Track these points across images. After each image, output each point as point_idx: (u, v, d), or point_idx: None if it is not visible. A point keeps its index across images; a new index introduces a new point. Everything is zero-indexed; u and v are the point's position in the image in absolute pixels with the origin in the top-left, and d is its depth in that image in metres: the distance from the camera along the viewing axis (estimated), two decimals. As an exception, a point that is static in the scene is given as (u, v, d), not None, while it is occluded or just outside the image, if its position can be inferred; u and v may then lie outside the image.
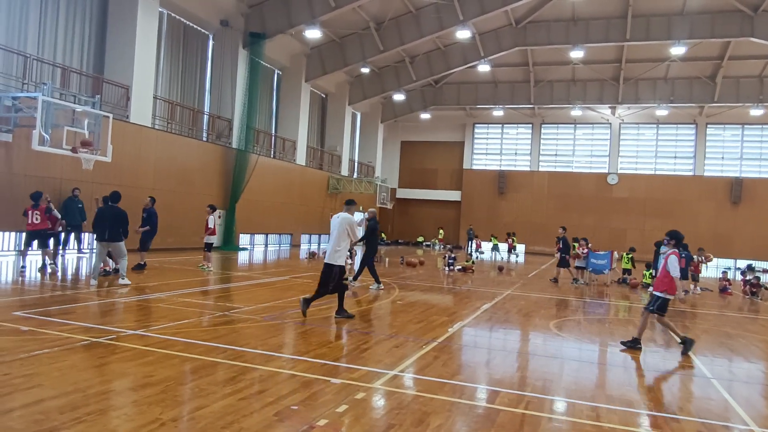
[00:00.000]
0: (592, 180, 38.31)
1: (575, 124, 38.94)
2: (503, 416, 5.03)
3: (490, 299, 13.03)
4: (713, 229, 34.41)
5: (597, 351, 8.62)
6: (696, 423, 5.22)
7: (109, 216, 11.38)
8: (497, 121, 40.22)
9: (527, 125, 40.11)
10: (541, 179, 39.39)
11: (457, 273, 19.79)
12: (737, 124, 35.89)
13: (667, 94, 33.79)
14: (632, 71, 33.43)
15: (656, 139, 37.88)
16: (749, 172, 35.77)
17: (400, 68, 33.58)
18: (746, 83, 32.50)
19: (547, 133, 40.03)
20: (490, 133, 41.44)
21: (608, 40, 29.19)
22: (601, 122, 38.36)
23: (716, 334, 10.46)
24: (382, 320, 9.91)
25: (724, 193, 35.46)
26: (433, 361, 6.84)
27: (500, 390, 5.88)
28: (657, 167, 37.75)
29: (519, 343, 8.84)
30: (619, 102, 34.88)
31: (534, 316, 11.09)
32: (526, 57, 33.67)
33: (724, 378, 7.04)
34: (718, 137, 36.75)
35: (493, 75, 35.73)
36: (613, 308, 13.25)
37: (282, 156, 28.98)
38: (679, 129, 37.22)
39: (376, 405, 5.23)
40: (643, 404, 5.75)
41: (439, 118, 40.65)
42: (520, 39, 30.39)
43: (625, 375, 7.19)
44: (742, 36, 27.40)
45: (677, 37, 27.70)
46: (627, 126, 38.13)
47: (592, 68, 33.84)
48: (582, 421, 5.10)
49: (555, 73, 34.80)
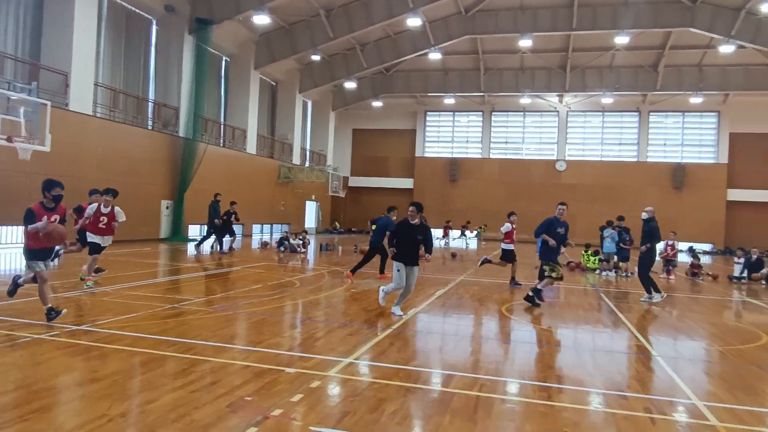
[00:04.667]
0: (542, 167, 39.18)
1: (524, 112, 39.66)
2: (457, 400, 5.06)
3: (443, 285, 13.15)
4: (657, 213, 35.06)
5: (548, 333, 8.81)
6: (643, 399, 5.40)
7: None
8: (448, 109, 40.54)
9: (478, 113, 40.59)
10: (491, 166, 40.01)
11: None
12: (678, 112, 37.37)
13: (612, 82, 34.80)
14: (579, 60, 34.24)
15: (602, 126, 39.05)
16: (690, 158, 37.34)
17: (350, 56, 33.33)
18: (687, 72, 33.82)
19: (498, 121, 40.64)
20: (441, 121, 41.75)
21: (555, 29, 29.79)
22: (550, 110, 39.21)
23: (662, 315, 10.88)
24: (336, 308, 9.84)
25: (667, 179, 36.92)
26: (387, 348, 6.84)
27: (454, 374, 5.93)
28: (603, 154, 38.94)
29: (472, 327, 8.95)
30: (567, 90, 35.72)
31: (487, 301, 11.26)
32: (476, 45, 33.99)
33: (669, 356, 7.32)
34: (661, 124, 38.20)
35: (444, 63, 35.92)
36: (562, 291, 13.60)
37: (231, 145, 28.36)
38: (624, 116, 38.46)
39: (331, 393, 5.18)
40: (592, 383, 5.91)
41: (391, 106, 40.64)
42: (469, 27, 30.63)
43: (575, 355, 7.37)
44: (683, 26, 28.47)
45: (622, 26, 28.51)
46: (574, 114, 39.12)
47: (540, 57, 34.47)
48: (534, 401, 5.19)
49: (504, 61, 35.28)
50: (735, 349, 7.93)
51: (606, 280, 16.62)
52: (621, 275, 17.23)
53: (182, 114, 23.64)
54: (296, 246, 20.71)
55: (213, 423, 4.23)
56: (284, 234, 23.95)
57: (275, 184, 31.94)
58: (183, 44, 23.63)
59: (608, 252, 18.00)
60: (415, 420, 4.60)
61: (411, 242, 8.73)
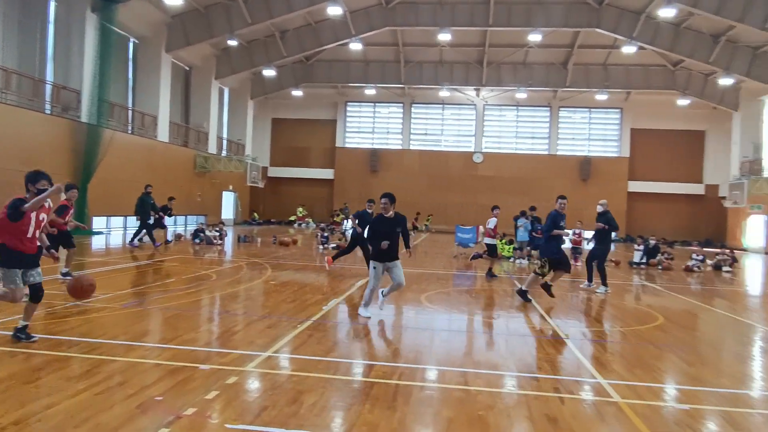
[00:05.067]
0: (460, 159, 40.18)
1: (443, 105, 40.45)
2: (377, 389, 5.09)
3: (364, 276, 13.17)
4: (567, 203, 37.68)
5: (465, 320, 9.05)
6: (553, 380, 5.66)
7: None
8: (369, 100, 40.60)
9: (398, 104, 40.95)
10: (412, 157, 40.55)
11: (332, 251, 19.80)
12: (585, 108, 39.49)
13: (525, 78, 36.19)
14: (495, 55, 35.31)
15: (516, 120, 40.57)
16: (596, 152, 39.61)
17: (270, 43, 32.54)
18: (593, 70, 35.74)
19: (417, 113, 41.20)
20: (362, 112, 41.75)
21: (473, 24, 30.54)
22: (468, 103, 40.22)
23: (569, 299, 11.47)
24: (254, 301, 9.62)
25: (575, 171, 38.98)
26: (307, 340, 6.76)
27: (374, 363, 5.96)
28: (517, 147, 40.49)
29: (393, 317, 9.03)
30: (483, 84, 36.76)
31: (406, 291, 11.39)
32: (397, 37, 34.22)
33: (576, 338, 7.73)
34: (570, 119, 40.21)
35: (365, 54, 35.90)
36: (479, 279, 14.03)
37: (142, 132, 26.92)
38: (536, 111, 40.14)
39: (248, 388, 5.05)
40: (506, 366, 6.13)
41: (312, 95, 40.14)
42: (389, 19, 30.77)
43: (490, 341, 7.63)
44: (590, 27, 30.05)
45: (534, 24, 29.68)
46: (490, 107, 40.37)
47: (458, 51, 35.23)
48: (451, 386, 5.31)
49: (424, 54, 35.76)
50: (634, 329, 8.50)
51: (520, 267, 17.32)
52: (533, 263, 18.00)
53: (85, 98, 22.08)
54: (212, 238, 20.06)
55: (120, 425, 4.00)
56: (199, 225, 23.11)
57: (191, 174, 30.70)
58: (85, 22, 22.02)
59: (522, 241, 18.70)
60: (335, 410, 4.57)
61: (388, 237, 8.10)
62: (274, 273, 12.91)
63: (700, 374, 6.18)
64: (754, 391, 5.73)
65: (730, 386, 5.79)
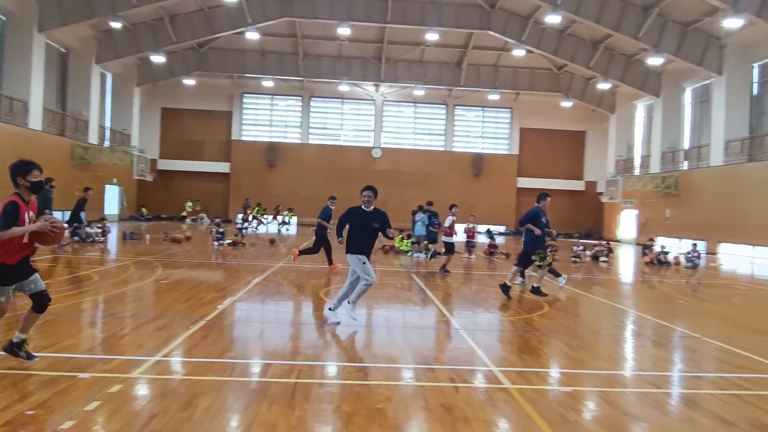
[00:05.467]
0: (358, 153, 40.41)
1: (343, 99, 40.46)
2: (275, 388, 4.97)
3: (261, 272, 12.87)
4: (460, 197, 38.83)
5: (365, 314, 9.10)
6: (448, 370, 5.83)
7: None
8: (267, 92, 39.67)
9: (297, 97, 40.39)
10: (310, 152, 40.20)
11: (227, 247, 19.17)
12: (479, 107, 41.20)
13: (422, 75, 37.07)
14: (393, 52, 35.83)
15: (414, 116, 41.50)
16: (488, 149, 41.47)
17: (158, 27, 30.76)
18: (485, 71, 37.31)
19: (316, 107, 40.89)
20: (259, 104, 40.75)
21: (370, 19, 30.76)
22: (366, 98, 40.52)
23: (463, 291, 11.91)
24: (144, 302, 9.06)
25: (468, 167, 40.57)
26: (201, 341, 6.46)
27: (272, 362, 5.82)
28: (415, 143, 41.44)
29: (291, 314, 8.90)
30: (381, 80, 37.20)
31: (306, 287, 11.28)
32: (295, 29, 33.69)
33: (470, 328, 8.03)
34: (464, 117, 41.78)
35: (262, 44, 35.02)
36: (378, 273, 14.19)
37: (9, 119, 24.41)
38: (433, 108, 41.28)
39: (135, 396, 4.72)
40: (403, 359, 6.23)
41: (206, 85, 38.49)
42: (287, 10, 30.24)
43: (388, 334, 7.72)
44: (482, 29, 31.33)
45: (430, 23, 30.47)
46: (389, 103, 40.95)
47: (357, 46, 35.35)
48: (351, 382, 5.31)
49: (323, 47, 35.51)
50: (523, 318, 8.99)
51: (417, 261, 17.72)
52: (432, 254, 18.47)
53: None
54: (94, 235, 18.67)
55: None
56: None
57: (68, 165, 28.29)
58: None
59: (419, 235, 19.04)
60: (231, 412, 4.40)
61: (366, 231, 7.66)
62: (166, 271, 12.25)
63: (582, 357, 6.65)
64: (627, 371, 6.26)
65: (607, 368, 6.28)
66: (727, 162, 26.82)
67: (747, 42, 25.87)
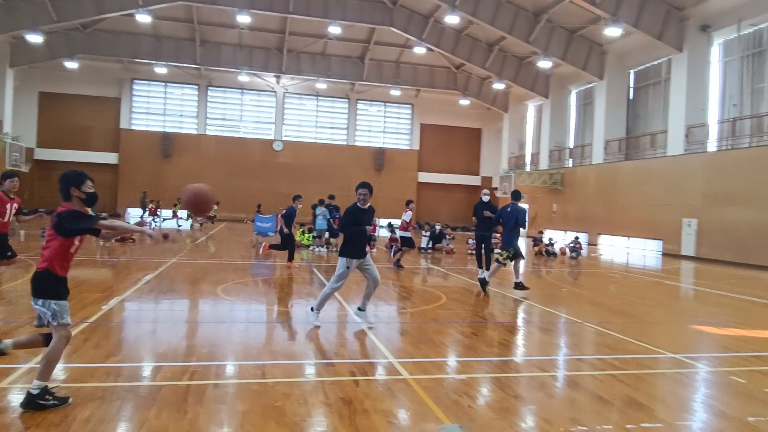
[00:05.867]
0: (259, 146, 39.47)
1: (242, 90, 39.28)
2: (166, 391, 4.72)
3: (153, 269, 12.20)
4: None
5: (263, 311, 8.90)
6: (348, 364, 5.83)
7: None
8: (160, 79, 37.61)
9: (193, 86, 38.65)
10: (209, 143, 38.69)
11: (115, 243, 17.98)
12: (381, 102, 41.62)
13: (324, 69, 36.81)
14: (295, 44, 35.26)
15: (316, 110, 41.14)
16: (390, 144, 42.05)
17: (36, 4, 28.12)
18: (387, 66, 37.74)
19: (215, 96, 39.38)
20: (152, 91, 38.54)
21: (272, 9, 30.03)
22: (268, 90, 39.60)
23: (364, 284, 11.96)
24: (15, 305, 8.26)
25: (370, 161, 40.92)
26: (82, 345, 6.00)
27: (163, 364, 5.52)
28: (317, 136, 41.12)
29: (185, 312, 8.51)
30: (283, 72, 36.51)
31: (201, 283, 10.84)
32: (192, 13, 32.16)
33: (370, 321, 8.07)
34: (366, 112, 42.04)
35: (156, 28, 33.12)
36: (278, 269, 13.94)
37: None
38: (335, 102, 41.15)
39: (4, 408, 4.29)
40: (304, 355, 6.16)
41: (91, 69, 35.77)
42: (184, -7, 28.81)
43: (287, 331, 7.60)
44: (384, 24, 31.63)
45: (333, 17, 30.29)
46: (291, 96, 40.29)
47: (258, 35, 34.42)
48: (247, 381, 5.16)
49: (222, 35, 34.22)
50: (420, 309, 9.20)
51: (318, 255, 17.62)
52: (332, 250, 18.47)
53: None
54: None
55: None
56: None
57: (-73, 153, 25.26)
58: None
59: (320, 229, 18.96)
60: (115, 421, 4.11)
61: (364, 231, 7.48)
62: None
63: (476, 345, 6.91)
64: (517, 357, 6.59)
65: (499, 354, 6.58)
66: (607, 160, 29.07)
67: (625, 50, 28.14)
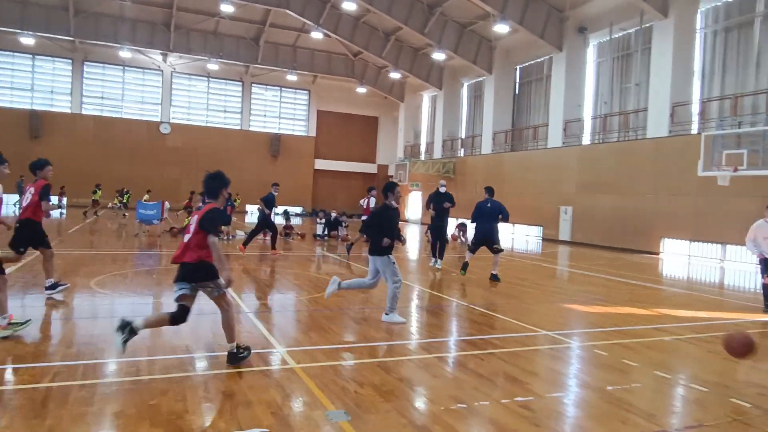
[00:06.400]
0: (145, 128, 37.13)
1: (124, 67, 36.65)
2: (22, 396, 4.25)
3: (14, 262, 11.03)
4: (257, 178, 38.23)
5: (145, 303, 8.37)
6: (232, 356, 5.60)
7: None
8: (27, 51, 34.08)
9: (67, 60, 35.46)
10: (85, 123, 35.76)
11: None
12: (277, 86, 40.63)
13: (217, 49, 35.27)
14: (184, 20, 33.42)
15: (207, 92, 39.33)
16: (286, 130, 41.22)
17: None
18: (283, 50, 36.89)
19: (92, 73, 36.39)
20: (16, 64, 34.85)
21: (158, -18, 28.25)
22: (153, 68, 37.27)
23: (257, 273, 11.64)
24: None
25: (266, 147, 39.91)
26: None
27: (20, 366, 4.99)
28: (209, 120, 39.36)
29: (51, 308, 7.77)
30: (171, 50, 34.53)
31: (73, 275, 9.99)
32: (65, -19, 29.46)
33: (259, 311, 7.85)
34: (262, 96, 40.86)
35: (22, -6, 29.96)
36: (164, 258, 13.20)
37: None
38: (228, 84, 39.60)
39: None
40: (185, 349, 5.83)
41: (-56, 36, 31.75)
42: (55, -43, 26.24)
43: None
44: (280, 7, 30.81)
45: (225, -6, 29.03)
46: (179, 75, 38.20)
47: (142, 8, 32.25)
48: (121, 379, 4.80)
49: (100, 4, 31.67)
50: (313, 297, 9.09)
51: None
52: (222, 239, 17.81)
53: None
54: None
55: None
56: None
57: None
58: None
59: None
60: (-44, 433, 3.64)
61: (394, 230, 7.55)
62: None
63: (365, 331, 6.93)
64: (405, 341, 6.68)
65: (387, 339, 6.63)
66: (495, 150, 30.46)
67: (512, 46, 29.51)
